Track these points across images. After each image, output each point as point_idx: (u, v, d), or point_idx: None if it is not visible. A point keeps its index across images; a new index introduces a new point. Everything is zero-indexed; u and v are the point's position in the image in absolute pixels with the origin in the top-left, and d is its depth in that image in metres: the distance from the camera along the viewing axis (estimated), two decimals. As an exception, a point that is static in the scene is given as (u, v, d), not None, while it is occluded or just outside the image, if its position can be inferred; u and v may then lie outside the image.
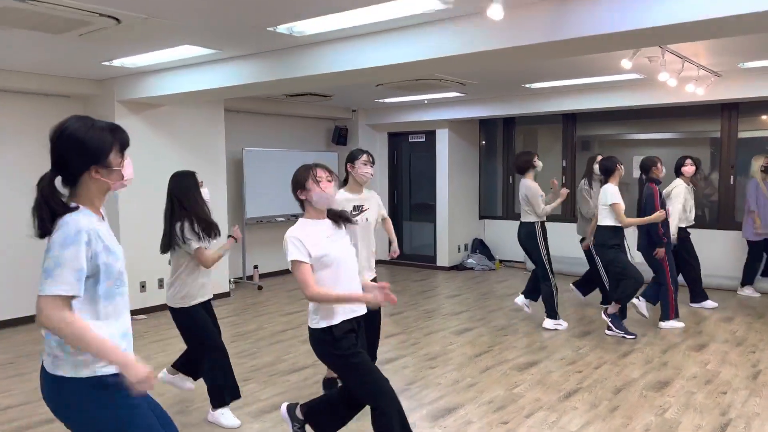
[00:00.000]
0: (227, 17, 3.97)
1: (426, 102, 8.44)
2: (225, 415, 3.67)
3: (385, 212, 4.33)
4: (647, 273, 5.70)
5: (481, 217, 9.63)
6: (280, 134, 8.82)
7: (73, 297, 1.82)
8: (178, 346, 5.32)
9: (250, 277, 8.17)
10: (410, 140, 9.61)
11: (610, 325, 5.44)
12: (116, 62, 5.34)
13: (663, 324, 5.72)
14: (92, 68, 5.64)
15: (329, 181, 2.83)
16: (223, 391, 3.66)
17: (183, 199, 3.58)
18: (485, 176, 9.72)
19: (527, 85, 7.12)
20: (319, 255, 2.73)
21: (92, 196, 1.93)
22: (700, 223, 7.81)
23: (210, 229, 3.61)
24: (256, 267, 8.19)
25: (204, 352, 3.69)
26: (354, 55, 4.48)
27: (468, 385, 4.30)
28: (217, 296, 6.67)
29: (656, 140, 8.49)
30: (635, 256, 5.74)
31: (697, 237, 7.64)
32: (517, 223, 5.91)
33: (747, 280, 7.07)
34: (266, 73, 5.03)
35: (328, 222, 2.89)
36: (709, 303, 6.54)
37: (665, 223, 5.60)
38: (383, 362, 4.82)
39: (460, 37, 3.92)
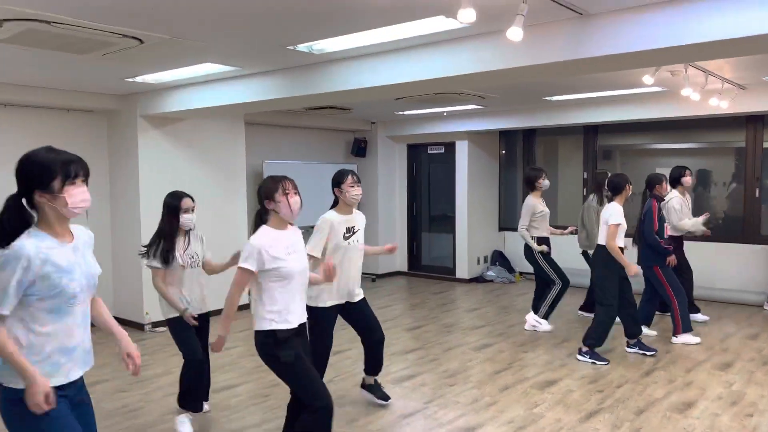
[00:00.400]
0: (247, 37, 4.01)
1: (445, 114, 8.43)
2: (184, 423, 3.78)
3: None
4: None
5: (501, 228, 9.57)
6: (300, 146, 8.87)
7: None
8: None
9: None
10: (429, 151, 9.60)
11: (594, 361, 5.12)
12: (139, 79, 5.42)
13: (675, 339, 5.68)
14: (115, 84, 5.73)
15: (296, 194, 2.98)
16: (185, 399, 3.81)
17: (162, 216, 3.81)
18: (505, 187, 9.66)
19: (548, 98, 7.08)
20: (273, 267, 2.87)
21: (49, 219, 2.04)
22: (723, 236, 7.69)
23: (162, 253, 3.71)
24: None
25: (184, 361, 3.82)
26: (373, 72, 4.49)
27: (487, 404, 4.26)
28: (241, 307, 6.70)
29: (680, 150, 8.38)
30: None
31: (721, 250, 7.54)
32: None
33: (774, 295, 6.93)
34: (286, 89, 5.06)
35: (289, 233, 3.01)
36: (700, 316, 6.46)
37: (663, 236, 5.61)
38: (402, 379, 4.81)
39: (479, 56, 3.91)
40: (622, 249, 5.16)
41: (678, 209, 6.18)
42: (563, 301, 6.41)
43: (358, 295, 4.05)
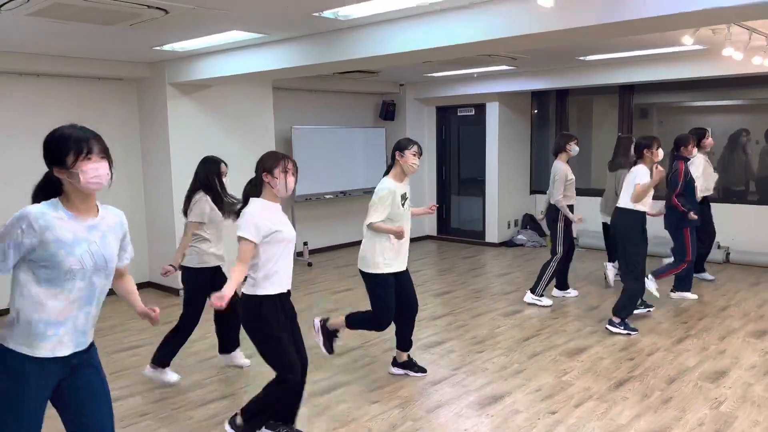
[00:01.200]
0: (273, 5, 3.96)
1: (475, 75, 8.26)
2: (166, 373, 4.14)
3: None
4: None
5: (532, 191, 9.45)
6: (328, 111, 8.82)
7: None
8: (210, 329, 5.49)
9: (300, 254, 8.30)
10: (459, 114, 9.46)
11: (628, 332, 4.99)
12: (167, 47, 5.42)
13: (674, 294, 5.92)
14: (144, 53, 5.75)
15: (293, 175, 3.08)
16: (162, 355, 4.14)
17: (205, 180, 4.15)
18: (537, 149, 9.50)
19: (582, 58, 6.86)
20: (272, 230, 3.00)
21: (70, 194, 2.11)
22: (762, 199, 7.46)
23: (223, 209, 4.13)
24: (305, 244, 8.31)
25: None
26: (400, 37, 4.40)
27: (515, 372, 4.29)
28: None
29: (720, 107, 8.08)
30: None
31: (760, 214, 7.33)
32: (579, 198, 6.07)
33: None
34: (313, 56, 5.01)
35: (279, 207, 3.14)
36: (707, 275, 6.57)
37: (690, 200, 5.56)
38: (430, 345, 4.85)
39: (510, 20, 3.78)
40: (644, 213, 5.03)
41: (701, 169, 6.07)
42: (593, 266, 6.34)
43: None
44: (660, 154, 5.07)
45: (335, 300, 6.29)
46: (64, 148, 2.06)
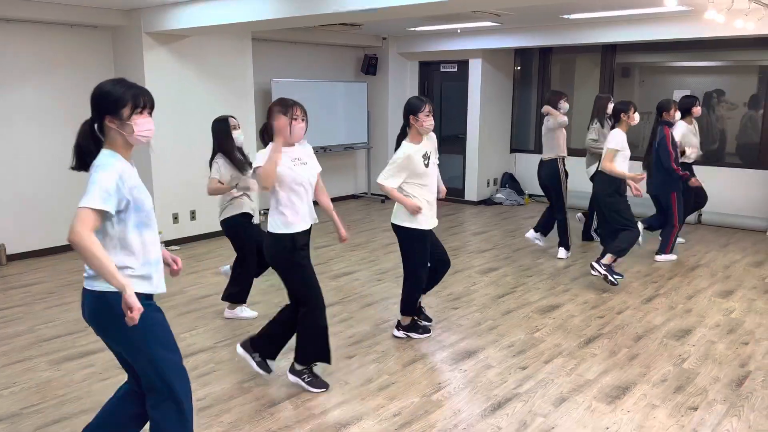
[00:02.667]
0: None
1: (459, 31, 8.16)
2: (244, 311, 4.58)
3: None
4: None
5: (512, 150, 9.48)
6: (309, 63, 8.67)
7: (102, 212, 2.10)
8: (210, 279, 5.53)
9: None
10: (442, 70, 9.37)
11: (608, 275, 5.07)
12: (142, -6, 5.25)
13: (659, 257, 6.02)
14: None
15: (303, 120, 3.24)
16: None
17: (217, 139, 4.38)
18: (518, 108, 9.49)
19: (566, 16, 6.80)
20: (282, 173, 3.17)
21: (116, 145, 2.23)
22: (737, 162, 7.59)
23: (238, 166, 4.32)
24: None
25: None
26: (383, -9, 4.32)
27: (489, 328, 4.40)
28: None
29: (701, 68, 8.11)
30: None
31: (733, 176, 7.47)
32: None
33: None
34: (294, 7, 4.89)
35: (294, 148, 3.28)
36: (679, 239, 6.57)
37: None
38: (407, 301, 4.94)
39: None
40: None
41: (679, 136, 6.08)
42: (573, 225, 6.48)
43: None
44: (636, 117, 5.09)
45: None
46: (122, 100, 2.18)
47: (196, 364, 3.83)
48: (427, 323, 4.37)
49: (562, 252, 6.17)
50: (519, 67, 9.41)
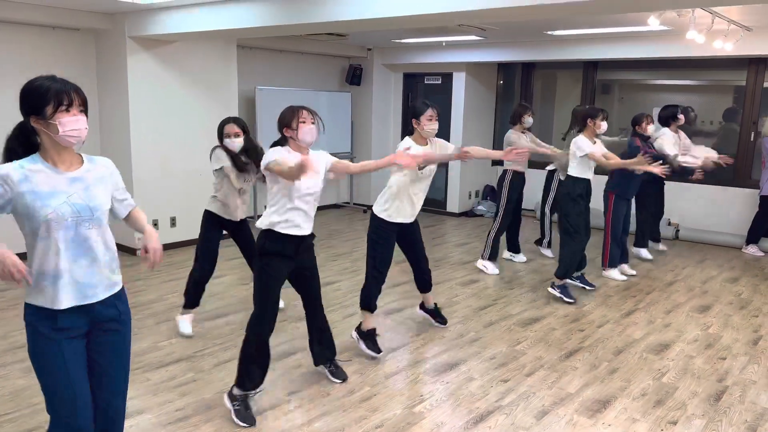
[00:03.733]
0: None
1: (444, 44, 8.22)
2: (182, 322, 4.41)
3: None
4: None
5: (494, 163, 9.55)
6: (294, 72, 8.67)
7: None
8: (168, 289, 5.45)
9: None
10: (426, 82, 9.42)
11: (562, 297, 5.22)
12: (127, -2, 5.21)
13: (605, 272, 6.02)
14: (103, 2, 5.51)
15: (312, 123, 3.19)
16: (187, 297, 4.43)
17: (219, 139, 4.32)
18: (501, 121, 9.56)
19: (549, 32, 6.90)
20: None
21: (46, 146, 2.12)
22: (713, 179, 7.74)
23: (241, 169, 4.27)
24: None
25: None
26: (370, 3, 4.33)
27: (471, 340, 4.40)
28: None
29: (679, 86, 8.28)
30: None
31: (711, 193, 7.61)
32: (531, 171, 6.34)
33: (752, 238, 7.05)
34: (280, 16, 4.89)
35: (306, 155, 3.18)
36: (644, 252, 6.72)
37: (627, 177, 5.67)
38: (389, 312, 4.93)
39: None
40: (589, 181, 5.23)
41: (672, 142, 6.26)
42: (553, 237, 6.54)
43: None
44: (603, 126, 5.13)
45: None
46: (44, 98, 2.05)
47: (174, 374, 3.77)
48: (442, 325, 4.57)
49: (482, 263, 6.17)
50: (502, 81, 9.50)
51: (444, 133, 9.09)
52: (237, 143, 4.23)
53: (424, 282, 4.47)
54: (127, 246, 6.56)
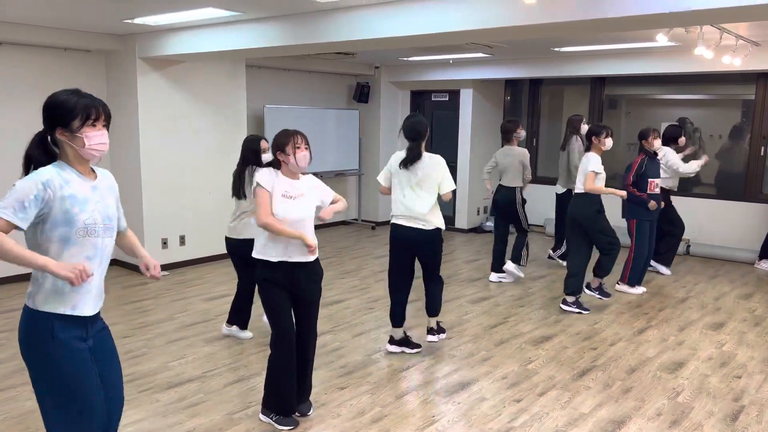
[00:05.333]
0: (250, -17, 3.87)
1: (451, 62, 8.26)
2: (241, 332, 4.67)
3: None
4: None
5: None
6: (302, 90, 8.72)
7: (11, 224, 2.01)
8: (199, 306, 5.45)
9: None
10: (433, 99, 9.45)
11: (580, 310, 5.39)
12: (138, 20, 5.27)
13: (618, 286, 6.05)
14: (114, 24, 5.58)
15: (306, 149, 3.22)
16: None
17: (247, 156, 4.36)
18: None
19: (556, 49, 6.91)
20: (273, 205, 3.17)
21: (69, 157, 2.15)
22: (723, 194, 7.69)
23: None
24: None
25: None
26: (379, 23, 4.36)
27: (482, 359, 4.36)
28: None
29: (688, 101, 8.26)
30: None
31: (720, 208, 7.56)
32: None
33: (765, 253, 6.98)
34: (288, 36, 4.93)
35: (297, 182, 3.26)
36: (665, 269, 6.70)
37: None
38: (399, 331, 4.88)
39: (491, 11, 3.78)
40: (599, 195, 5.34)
41: (677, 158, 6.27)
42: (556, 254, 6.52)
43: None
44: (607, 143, 5.27)
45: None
46: (72, 112, 2.10)
47: (184, 394, 3.75)
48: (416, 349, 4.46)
49: (510, 265, 6.34)
50: (509, 98, 9.52)
51: (451, 150, 9.14)
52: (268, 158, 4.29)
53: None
54: (133, 264, 6.56)
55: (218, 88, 6.96)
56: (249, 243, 3.78)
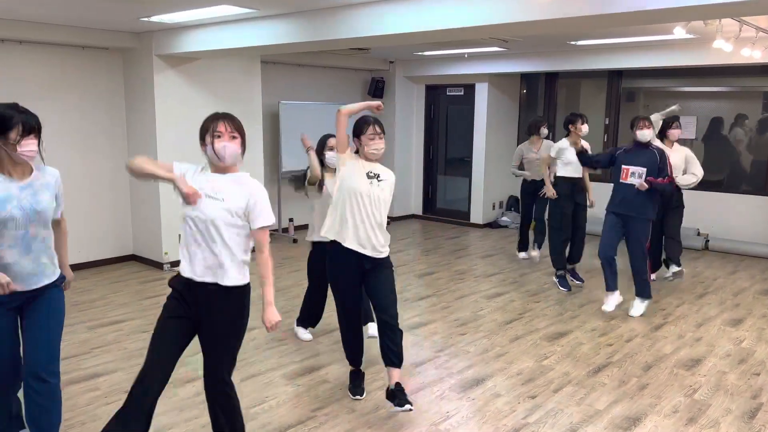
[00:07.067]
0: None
1: (466, 56, 8.21)
2: (300, 331, 4.60)
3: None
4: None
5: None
6: (317, 86, 8.73)
7: None
8: (215, 302, 5.49)
9: (285, 230, 8.30)
10: (448, 93, 9.42)
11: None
12: (154, 18, 5.31)
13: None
14: (130, 23, 5.63)
15: (233, 138, 2.58)
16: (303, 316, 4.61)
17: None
18: (524, 131, 9.48)
19: (573, 42, 6.85)
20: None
21: (2, 159, 2.61)
22: (745, 188, 7.58)
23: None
24: (291, 220, 8.30)
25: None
26: (393, 18, 4.35)
27: (497, 355, 4.36)
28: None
29: (707, 93, 8.14)
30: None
31: (742, 202, 7.45)
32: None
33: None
34: (303, 33, 4.94)
35: (221, 177, 2.62)
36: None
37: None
38: (413, 326, 4.90)
39: (506, 6, 3.75)
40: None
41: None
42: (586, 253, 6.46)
43: None
44: (583, 129, 5.75)
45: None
46: (8, 123, 2.55)
47: (201, 389, 3.78)
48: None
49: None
50: (525, 91, 9.46)
51: (467, 144, 9.10)
52: (331, 156, 4.17)
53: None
54: (151, 259, 6.65)
55: (234, 84, 7.00)
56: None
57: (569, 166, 5.81)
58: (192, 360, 3.65)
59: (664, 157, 4.98)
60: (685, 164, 5.78)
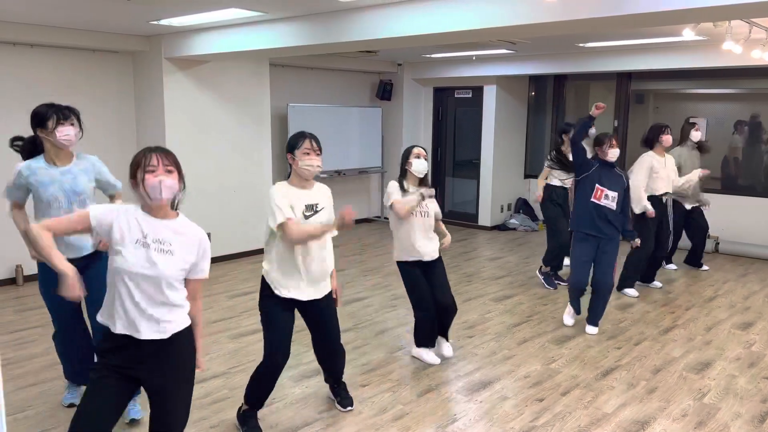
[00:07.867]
0: (273, -16, 3.90)
1: (474, 58, 8.21)
2: (423, 353, 4.26)
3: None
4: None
5: (527, 176, 9.47)
6: (325, 88, 8.76)
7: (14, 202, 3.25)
8: (224, 303, 5.53)
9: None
10: (456, 96, 9.42)
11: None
12: (164, 21, 5.35)
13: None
14: (140, 26, 5.67)
15: (169, 171, 2.26)
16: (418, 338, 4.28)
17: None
18: (533, 134, 9.49)
19: (581, 44, 6.83)
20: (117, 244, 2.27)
21: (47, 149, 3.19)
22: (756, 190, 7.53)
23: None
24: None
25: None
26: (401, 21, 4.37)
27: (505, 358, 4.35)
28: (256, 251, 6.84)
29: (715, 95, 8.09)
30: None
31: (752, 204, 7.40)
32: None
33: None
34: (311, 36, 4.96)
35: (164, 225, 2.35)
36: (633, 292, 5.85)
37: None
38: (422, 329, 4.89)
39: (514, 8, 3.76)
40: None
41: (646, 166, 5.60)
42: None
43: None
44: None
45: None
46: (45, 115, 3.08)
47: (210, 390, 3.81)
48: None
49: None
50: (533, 93, 9.44)
51: (475, 146, 9.10)
52: (419, 165, 4.37)
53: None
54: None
55: (242, 87, 7.03)
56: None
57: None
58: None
59: (629, 182, 4.82)
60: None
